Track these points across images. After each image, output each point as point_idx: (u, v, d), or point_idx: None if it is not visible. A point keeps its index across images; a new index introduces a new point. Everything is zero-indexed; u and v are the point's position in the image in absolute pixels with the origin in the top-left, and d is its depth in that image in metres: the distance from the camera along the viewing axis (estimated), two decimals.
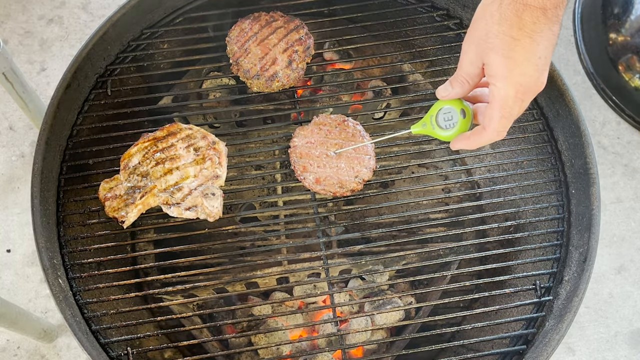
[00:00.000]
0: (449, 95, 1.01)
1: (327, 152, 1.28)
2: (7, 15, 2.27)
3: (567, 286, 1.23)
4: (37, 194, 1.21)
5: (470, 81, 0.98)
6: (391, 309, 1.31)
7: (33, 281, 1.89)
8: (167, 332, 1.24)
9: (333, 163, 1.28)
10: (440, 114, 1.04)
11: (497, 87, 0.90)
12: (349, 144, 1.30)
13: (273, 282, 1.51)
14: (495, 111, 0.92)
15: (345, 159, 1.28)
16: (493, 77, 0.91)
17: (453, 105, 1.03)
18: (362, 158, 1.29)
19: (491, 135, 0.95)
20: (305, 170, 1.27)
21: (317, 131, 1.31)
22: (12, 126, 2.10)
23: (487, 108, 0.94)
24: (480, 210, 1.50)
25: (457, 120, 1.03)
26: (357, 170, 1.28)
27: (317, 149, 1.29)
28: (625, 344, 1.88)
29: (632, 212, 2.05)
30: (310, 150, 1.29)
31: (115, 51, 1.42)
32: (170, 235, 1.48)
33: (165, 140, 1.27)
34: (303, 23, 1.43)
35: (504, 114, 0.92)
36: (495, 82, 0.90)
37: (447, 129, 1.04)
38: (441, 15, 1.50)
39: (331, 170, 1.27)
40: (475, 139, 0.99)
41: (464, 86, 0.98)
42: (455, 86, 0.99)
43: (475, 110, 1.04)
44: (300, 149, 1.29)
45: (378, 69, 1.70)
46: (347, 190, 1.26)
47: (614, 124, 2.19)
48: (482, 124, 0.96)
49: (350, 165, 1.28)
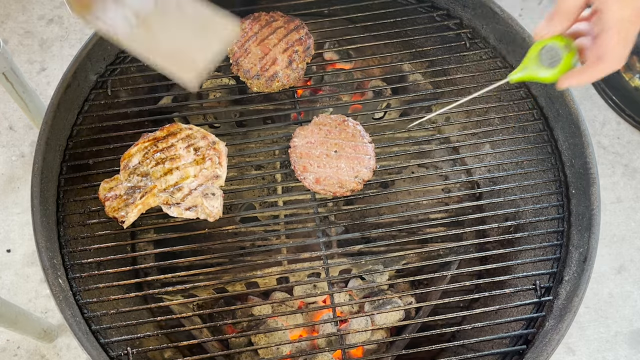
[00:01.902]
0: (549, 32, 0.96)
1: (327, 152, 1.29)
2: (7, 15, 2.27)
3: (567, 286, 1.23)
4: (37, 194, 1.21)
5: (572, 15, 0.93)
6: (391, 309, 1.31)
7: (33, 281, 1.89)
8: (167, 332, 1.24)
9: (333, 163, 1.28)
10: (543, 53, 0.98)
11: (612, 11, 0.87)
12: (348, 144, 1.30)
13: (273, 282, 1.51)
14: (612, 37, 0.88)
15: (345, 159, 1.28)
16: (605, 2, 0.87)
17: (555, 42, 0.97)
18: (362, 158, 1.29)
19: (611, 64, 0.90)
20: (306, 170, 1.27)
21: (317, 131, 1.31)
22: (12, 126, 2.10)
23: (598, 38, 0.90)
24: (480, 210, 1.50)
25: (561, 56, 0.97)
26: (357, 170, 1.28)
27: (317, 149, 1.29)
28: (625, 344, 1.88)
29: (632, 212, 2.05)
30: (310, 150, 1.29)
31: (115, 51, 1.42)
32: (170, 235, 1.48)
33: (165, 140, 1.27)
34: (303, 23, 1.43)
35: (621, 38, 0.88)
36: (609, 6, 0.87)
37: (552, 67, 0.98)
38: (441, 15, 1.50)
39: (331, 170, 1.27)
40: (591, 73, 0.93)
41: (566, 21, 0.94)
42: (557, 21, 0.94)
43: (579, 45, 0.98)
44: (300, 149, 1.29)
45: (378, 69, 1.70)
46: (347, 190, 1.26)
47: (614, 124, 2.19)
48: (596, 56, 0.91)
49: (350, 165, 1.28)
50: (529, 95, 1.42)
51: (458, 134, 1.45)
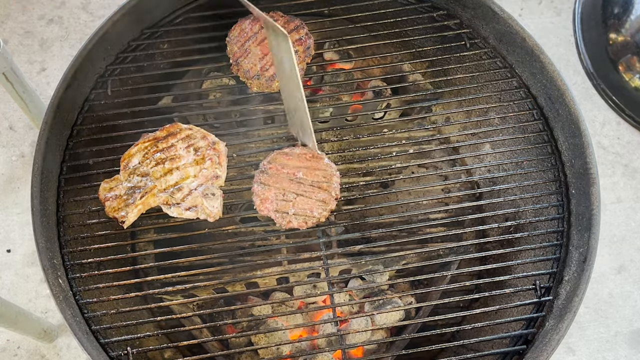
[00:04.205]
0: None
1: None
2: (7, 15, 2.27)
3: (567, 286, 1.23)
4: (37, 194, 1.21)
5: None
6: (391, 309, 1.31)
7: (33, 281, 1.89)
8: (167, 332, 1.24)
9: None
10: None
11: None
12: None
13: (273, 282, 1.51)
14: None
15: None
16: None
17: None
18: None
19: None
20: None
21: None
22: (12, 126, 2.10)
23: None
24: (480, 210, 1.50)
25: None
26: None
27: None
28: (625, 344, 1.88)
29: (632, 212, 2.05)
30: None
31: (115, 51, 1.42)
32: (170, 235, 1.48)
33: (165, 140, 1.27)
34: (303, 23, 1.43)
35: None
36: None
37: None
38: (441, 15, 1.50)
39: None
40: None
41: None
42: None
43: None
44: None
45: (378, 69, 1.70)
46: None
47: (614, 124, 2.18)
48: None
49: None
50: (529, 95, 1.42)
51: (458, 134, 1.45)
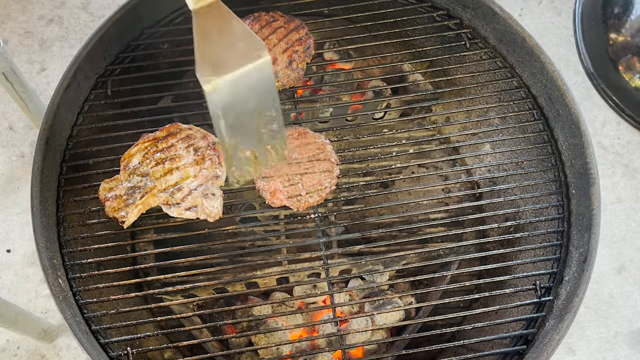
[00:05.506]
0: None
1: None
2: (7, 15, 2.27)
3: (567, 286, 1.23)
4: (37, 194, 1.21)
5: None
6: (391, 309, 1.31)
7: (33, 281, 1.89)
8: (167, 332, 1.23)
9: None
10: None
11: None
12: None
13: (273, 282, 1.51)
14: None
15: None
16: None
17: None
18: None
19: None
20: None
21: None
22: (12, 126, 2.10)
23: None
24: (480, 210, 1.50)
25: None
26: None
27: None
28: (625, 344, 1.88)
29: (632, 212, 2.05)
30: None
31: (115, 51, 1.42)
32: (170, 235, 1.48)
33: (165, 140, 1.27)
34: (303, 23, 1.43)
35: None
36: None
37: None
38: (441, 15, 1.50)
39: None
40: None
41: None
42: None
43: None
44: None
45: (378, 69, 1.70)
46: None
47: (614, 124, 2.18)
48: None
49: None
50: (529, 95, 1.42)
51: (458, 134, 1.45)
